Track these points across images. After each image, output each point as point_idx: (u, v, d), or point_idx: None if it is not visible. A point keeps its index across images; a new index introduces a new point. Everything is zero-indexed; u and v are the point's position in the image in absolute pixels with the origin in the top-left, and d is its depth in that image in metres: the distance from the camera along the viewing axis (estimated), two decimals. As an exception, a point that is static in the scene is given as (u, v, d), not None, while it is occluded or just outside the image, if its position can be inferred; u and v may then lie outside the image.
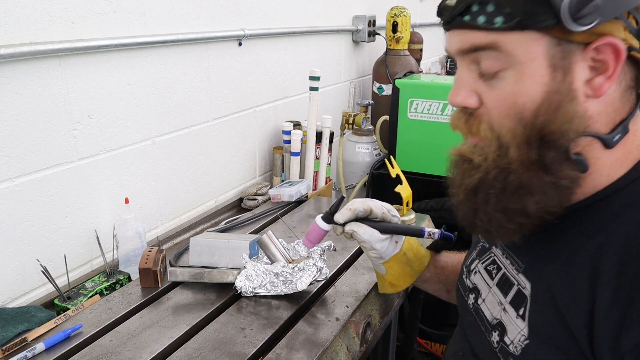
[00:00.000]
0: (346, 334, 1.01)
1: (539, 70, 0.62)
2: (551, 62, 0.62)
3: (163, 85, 1.40)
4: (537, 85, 0.63)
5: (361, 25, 2.42)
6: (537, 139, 0.64)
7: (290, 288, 1.06)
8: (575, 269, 0.64)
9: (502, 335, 0.74)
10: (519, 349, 0.70)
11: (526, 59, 0.62)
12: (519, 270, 0.74)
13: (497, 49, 0.63)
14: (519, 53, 0.62)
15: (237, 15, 1.63)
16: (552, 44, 0.61)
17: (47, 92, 1.11)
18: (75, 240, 1.23)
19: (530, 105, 0.63)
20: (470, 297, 0.86)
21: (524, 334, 0.70)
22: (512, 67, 0.63)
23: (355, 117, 2.12)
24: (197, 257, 1.16)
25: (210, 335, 0.97)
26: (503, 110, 0.65)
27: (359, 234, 0.96)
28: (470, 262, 0.90)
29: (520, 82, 0.63)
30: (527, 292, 0.71)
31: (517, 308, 0.72)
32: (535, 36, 0.61)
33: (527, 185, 0.65)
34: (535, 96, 0.63)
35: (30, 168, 1.10)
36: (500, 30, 0.62)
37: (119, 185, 1.32)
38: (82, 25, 1.16)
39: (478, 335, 0.81)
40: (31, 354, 0.92)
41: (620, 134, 0.65)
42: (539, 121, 0.63)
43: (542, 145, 0.64)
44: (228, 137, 1.68)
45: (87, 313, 1.04)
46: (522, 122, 0.64)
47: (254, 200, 1.68)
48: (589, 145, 0.65)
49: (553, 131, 0.63)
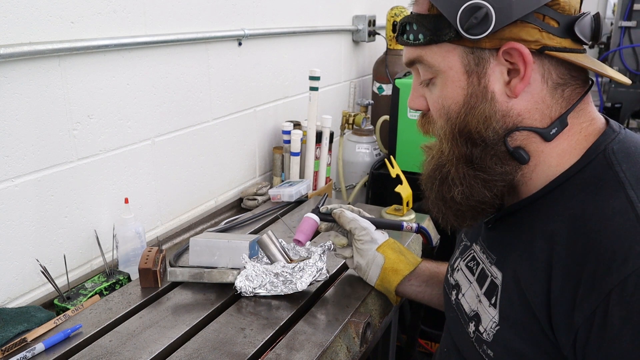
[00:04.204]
0: (346, 334, 1.01)
1: (457, 76, 0.71)
2: (466, 68, 0.70)
3: (163, 85, 1.40)
4: (457, 89, 0.72)
5: (361, 25, 2.42)
6: (460, 137, 0.72)
7: (290, 288, 1.06)
8: (534, 253, 0.69)
9: (477, 325, 0.78)
10: (491, 335, 0.75)
11: (446, 68, 0.72)
12: (492, 262, 0.79)
13: (423, 61, 0.74)
14: (439, 63, 0.72)
15: (237, 15, 1.63)
16: (466, 52, 0.70)
17: (47, 92, 1.11)
18: (74, 241, 1.23)
19: (454, 107, 0.73)
20: (452, 293, 0.90)
21: (495, 321, 0.74)
22: (439, 75, 0.73)
23: (355, 117, 2.11)
24: (197, 257, 1.16)
25: (210, 335, 0.96)
26: (436, 111, 0.76)
27: (345, 214, 1.10)
28: (454, 261, 0.94)
29: (445, 87, 0.73)
30: (498, 281, 0.76)
31: (489, 297, 0.77)
32: (450, 47, 0.71)
33: (453, 177, 0.74)
34: (457, 99, 0.72)
35: (29, 168, 1.10)
36: (422, 45, 0.73)
37: (119, 185, 1.32)
38: (82, 25, 1.16)
39: (459, 329, 0.85)
40: (31, 354, 0.91)
41: (557, 128, 0.71)
42: (459, 121, 0.72)
43: (467, 142, 0.72)
44: (228, 137, 1.68)
45: (86, 313, 1.04)
46: (449, 122, 0.73)
47: (254, 200, 1.68)
48: (527, 139, 0.71)
49: (471, 129, 0.71)
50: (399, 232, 1.19)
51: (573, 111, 0.71)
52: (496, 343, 0.74)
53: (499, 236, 0.79)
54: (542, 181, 0.73)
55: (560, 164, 0.71)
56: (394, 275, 1.07)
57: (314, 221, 1.12)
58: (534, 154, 0.72)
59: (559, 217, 0.67)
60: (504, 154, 0.71)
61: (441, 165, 0.76)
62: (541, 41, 0.67)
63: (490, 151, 0.71)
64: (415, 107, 0.81)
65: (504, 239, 0.78)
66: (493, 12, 0.65)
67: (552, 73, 0.70)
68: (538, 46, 0.67)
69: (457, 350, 0.85)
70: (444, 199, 0.76)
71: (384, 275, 1.08)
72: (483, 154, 0.72)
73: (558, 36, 0.68)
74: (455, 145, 0.73)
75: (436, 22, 0.70)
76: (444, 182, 0.75)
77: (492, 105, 0.70)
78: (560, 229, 0.66)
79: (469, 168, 0.73)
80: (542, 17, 0.67)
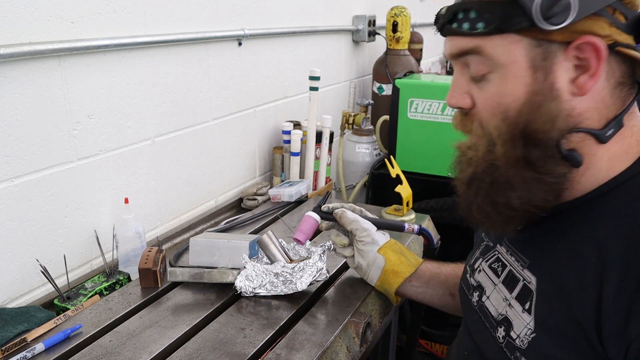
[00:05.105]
0: (346, 334, 1.00)
1: (521, 72, 0.66)
2: (532, 63, 0.65)
3: (163, 85, 1.40)
4: (519, 86, 0.66)
5: (361, 25, 2.42)
6: (520, 137, 0.67)
7: (290, 288, 1.06)
8: (581, 259, 0.65)
9: (507, 330, 0.74)
10: (526, 342, 0.71)
11: (508, 62, 0.66)
12: (524, 266, 0.75)
13: (481, 53, 0.68)
14: (501, 56, 0.66)
15: (237, 15, 1.63)
16: (532, 45, 0.64)
17: (47, 92, 1.11)
18: (74, 241, 1.23)
19: (514, 105, 0.67)
20: (474, 295, 0.86)
21: (530, 327, 0.71)
22: (496, 70, 0.67)
23: (355, 117, 2.11)
24: (197, 257, 1.16)
25: (210, 335, 0.96)
26: (490, 110, 0.69)
27: (347, 214, 1.09)
28: (474, 261, 0.91)
29: (504, 83, 0.67)
30: (532, 286, 0.72)
31: (522, 302, 0.73)
32: (515, 39, 0.65)
33: (510, 181, 0.68)
34: (519, 96, 0.66)
35: (29, 168, 1.10)
36: (482, 35, 0.66)
37: (119, 185, 1.32)
38: (82, 25, 1.16)
39: (483, 333, 0.81)
40: (31, 354, 0.91)
41: (614, 129, 0.67)
42: (522, 120, 0.67)
43: (527, 143, 0.67)
44: (228, 137, 1.68)
45: (86, 313, 1.04)
46: (506, 121, 0.68)
47: (254, 200, 1.68)
48: (582, 141, 0.67)
49: (535, 130, 0.66)
50: (399, 233, 1.19)
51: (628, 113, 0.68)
52: (531, 351, 0.70)
53: (532, 239, 0.75)
54: (590, 185, 0.69)
55: (611, 168, 0.68)
56: (394, 277, 1.07)
57: (315, 220, 1.12)
58: (586, 157, 0.67)
59: (612, 224, 0.64)
60: (559, 157, 0.67)
61: (493, 166, 0.70)
62: (612, 36, 0.63)
63: (548, 153, 0.67)
64: (458, 105, 0.74)
65: (540, 242, 0.73)
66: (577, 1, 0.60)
67: (615, 71, 0.66)
68: (610, 41, 0.63)
69: (480, 353, 0.82)
70: (495, 204, 0.70)
71: (384, 277, 1.08)
72: (543, 156, 0.67)
73: (625, 32, 0.64)
74: (512, 146, 0.68)
75: (507, 8, 0.63)
76: (497, 186, 0.70)
77: (558, 104, 0.65)
78: (615, 237, 0.63)
79: (530, 171, 0.67)
80: (613, 11, 0.63)
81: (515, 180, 0.68)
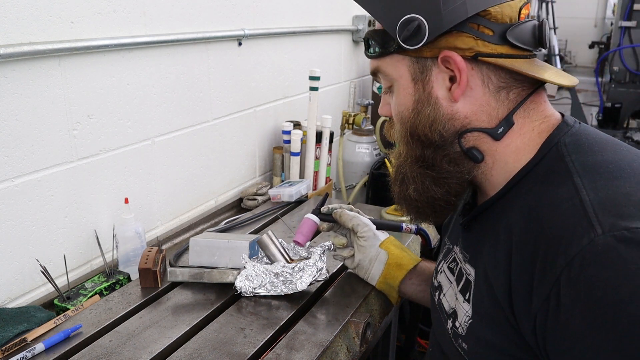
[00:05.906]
0: (346, 334, 1.01)
1: (407, 84, 0.78)
2: (413, 76, 0.77)
3: (163, 85, 1.40)
4: (407, 96, 0.78)
5: (361, 25, 2.42)
6: (412, 139, 0.79)
7: (290, 288, 1.06)
8: (498, 246, 0.72)
9: (454, 321, 0.82)
10: (465, 329, 0.78)
11: (397, 76, 0.79)
12: (466, 260, 0.83)
13: (381, 71, 0.82)
14: (392, 72, 0.79)
15: (237, 15, 1.63)
16: (412, 62, 0.77)
17: (47, 92, 1.11)
18: (74, 241, 1.23)
19: (406, 112, 0.79)
20: (436, 294, 0.92)
21: (468, 315, 0.78)
22: (394, 83, 0.81)
23: (355, 117, 2.11)
24: (197, 257, 1.16)
25: (210, 335, 0.96)
26: (395, 117, 0.83)
27: (347, 212, 1.12)
28: (438, 264, 0.97)
29: (399, 95, 0.80)
30: (471, 277, 0.79)
31: (464, 294, 0.80)
32: (400, 58, 0.77)
33: (408, 177, 0.81)
34: (408, 105, 0.79)
35: (29, 168, 1.10)
36: (378, 57, 0.80)
37: (119, 185, 1.32)
38: (82, 25, 1.16)
39: (440, 328, 0.87)
40: (31, 354, 0.91)
41: (504, 127, 0.75)
42: (410, 124, 0.79)
43: (419, 144, 0.78)
44: (228, 137, 1.68)
45: (86, 313, 1.04)
46: (403, 127, 0.80)
47: (254, 200, 1.68)
48: (479, 139, 0.76)
49: (419, 133, 0.77)
50: (398, 233, 1.20)
51: (521, 111, 0.75)
52: (469, 336, 0.77)
53: (472, 235, 0.83)
54: (502, 178, 0.77)
55: (516, 160, 0.75)
56: (398, 270, 1.08)
57: (314, 222, 1.13)
58: (488, 153, 0.77)
59: (518, 210, 0.71)
60: (459, 154, 0.77)
61: (400, 166, 0.83)
62: (475, 48, 0.72)
63: (442, 152, 0.77)
64: (382, 114, 0.88)
65: (476, 237, 0.81)
66: (426, 24, 0.72)
67: (491, 78, 0.74)
68: (472, 53, 0.72)
69: (441, 349, 0.88)
70: (404, 197, 0.83)
71: (387, 271, 1.09)
72: (434, 155, 0.78)
73: (494, 43, 0.72)
74: (409, 147, 0.80)
75: (384, 36, 0.77)
76: (403, 182, 0.82)
77: (436, 110, 0.76)
78: (518, 221, 0.69)
79: (419, 167, 0.79)
80: (477, 27, 0.72)
81: (412, 175, 0.80)
